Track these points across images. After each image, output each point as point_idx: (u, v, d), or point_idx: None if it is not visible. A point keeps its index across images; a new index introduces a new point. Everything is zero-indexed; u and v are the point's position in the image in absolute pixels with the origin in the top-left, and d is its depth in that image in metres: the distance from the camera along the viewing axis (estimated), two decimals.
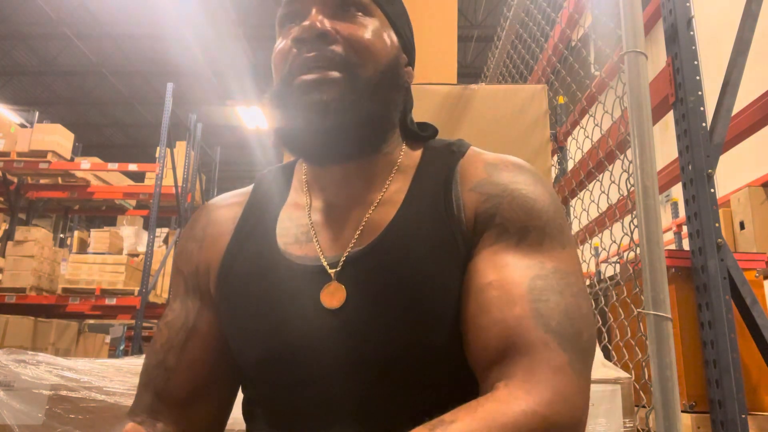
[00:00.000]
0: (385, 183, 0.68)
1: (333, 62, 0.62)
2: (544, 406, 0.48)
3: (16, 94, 11.11)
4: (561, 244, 0.60)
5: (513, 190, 0.62)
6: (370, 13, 0.67)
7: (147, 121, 11.89)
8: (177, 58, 9.51)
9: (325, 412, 0.58)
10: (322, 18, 0.64)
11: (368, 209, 0.66)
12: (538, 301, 0.54)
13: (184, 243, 0.74)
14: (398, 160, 0.70)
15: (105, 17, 8.76)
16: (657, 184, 1.14)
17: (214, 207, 0.75)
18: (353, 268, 0.61)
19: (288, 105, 0.63)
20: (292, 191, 0.73)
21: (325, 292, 0.60)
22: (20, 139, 5.69)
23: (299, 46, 0.64)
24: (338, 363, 0.58)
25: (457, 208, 0.63)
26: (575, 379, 0.51)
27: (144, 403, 0.68)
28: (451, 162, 0.68)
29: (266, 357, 0.61)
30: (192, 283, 0.71)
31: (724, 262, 1.31)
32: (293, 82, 0.63)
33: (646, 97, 1.18)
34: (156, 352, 0.69)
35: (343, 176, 0.68)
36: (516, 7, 2.78)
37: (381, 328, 0.58)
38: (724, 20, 4.12)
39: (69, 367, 1.57)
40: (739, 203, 3.24)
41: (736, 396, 1.22)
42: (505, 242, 0.59)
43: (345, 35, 0.64)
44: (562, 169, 2.86)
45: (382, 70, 0.65)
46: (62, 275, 5.53)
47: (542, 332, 0.52)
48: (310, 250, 0.65)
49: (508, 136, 1.35)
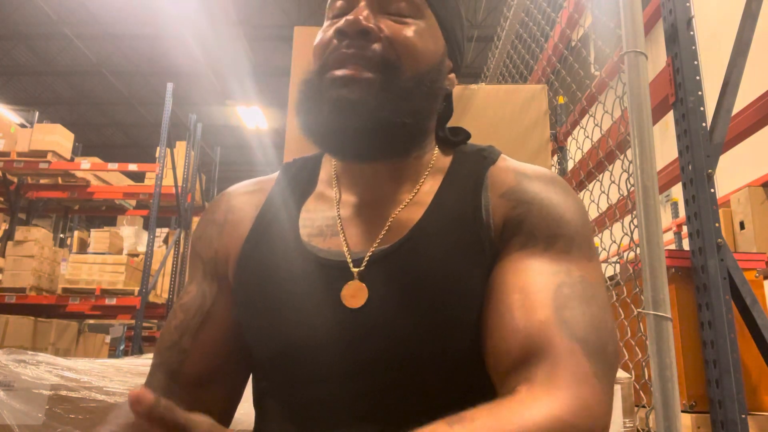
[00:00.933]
0: (416, 185, 0.67)
1: (370, 61, 0.61)
2: (566, 412, 0.47)
3: (16, 94, 11.11)
4: (588, 256, 0.60)
5: (543, 198, 0.62)
6: (420, 13, 0.65)
7: (147, 121, 11.89)
8: (177, 58, 9.51)
9: (338, 411, 0.58)
10: (368, 13, 0.62)
11: (397, 208, 0.65)
12: (564, 309, 0.53)
13: (204, 227, 0.73)
14: (430, 163, 0.69)
15: (105, 17, 8.76)
16: (657, 184, 1.14)
17: (236, 193, 0.75)
18: (377, 267, 0.61)
19: (316, 98, 0.62)
20: (320, 183, 0.72)
21: (347, 290, 0.60)
22: (20, 139, 5.68)
23: (340, 39, 0.63)
24: (355, 363, 0.58)
25: (486, 214, 0.62)
26: (599, 389, 0.50)
27: (157, 382, 0.68)
28: (481, 167, 0.67)
29: (282, 351, 0.61)
30: (210, 268, 0.70)
31: (724, 262, 1.31)
32: (326, 75, 0.62)
33: (646, 97, 1.18)
34: (170, 332, 0.68)
35: (373, 175, 0.67)
36: (516, 7, 2.78)
37: (401, 330, 0.57)
38: (724, 20, 4.13)
39: (69, 367, 1.57)
40: (739, 203, 3.23)
41: (736, 396, 1.22)
42: (532, 248, 0.59)
43: (388, 34, 0.62)
44: (562, 169, 2.86)
45: (420, 76, 0.63)
46: (62, 275, 5.53)
47: (567, 340, 0.51)
48: (335, 244, 0.64)
49: (508, 136, 1.35)
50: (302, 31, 1.38)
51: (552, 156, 2.37)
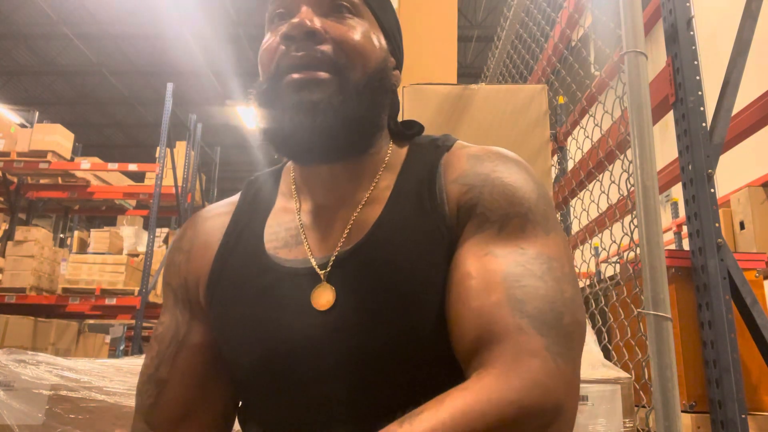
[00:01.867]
0: (373, 182, 0.68)
1: (322, 63, 0.62)
2: (515, 392, 0.46)
3: (16, 94, 11.11)
4: (545, 230, 0.59)
5: (494, 178, 0.62)
6: (360, 14, 0.67)
7: (147, 121, 11.89)
8: (177, 58, 9.51)
9: (320, 413, 0.58)
10: (312, 16, 0.63)
11: (356, 209, 0.66)
12: (514, 288, 0.53)
13: (172, 255, 0.74)
14: (385, 158, 0.70)
15: (105, 17, 8.76)
16: (657, 184, 1.14)
17: (201, 218, 0.75)
18: (341, 268, 0.61)
19: (276, 104, 0.63)
20: (280, 196, 0.73)
21: (315, 293, 0.60)
22: (20, 139, 5.68)
23: (287, 44, 0.63)
24: (330, 364, 0.58)
25: (441, 201, 0.63)
26: (552, 362, 0.49)
27: (141, 418, 0.68)
28: (435, 156, 0.68)
29: (259, 362, 0.61)
30: (181, 295, 0.71)
31: (724, 262, 1.31)
32: (281, 80, 0.63)
33: (646, 97, 1.18)
34: (147, 366, 0.69)
35: (331, 177, 0.68)
36: (516, 7, 2.78)
37: (370, 327, 0.58)
38: (724, 20, 4.13)
39: (69, 367, 1.57)
40: (739, 203, 3.23)
41: (736, 396, 1.22)
42: (487, 231, 0.59)
43: (334, 35, 0.63)
44: (562, 169, 2.86)
45: (370, 72, 0.65)
46: (62, 275, 5.53)
47: (517, 317, 0.51)
48: (300, 252, 0.65)
49: (508, 136, 1.35)
50: None
51: (552, 156, 2.37)
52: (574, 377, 0.51)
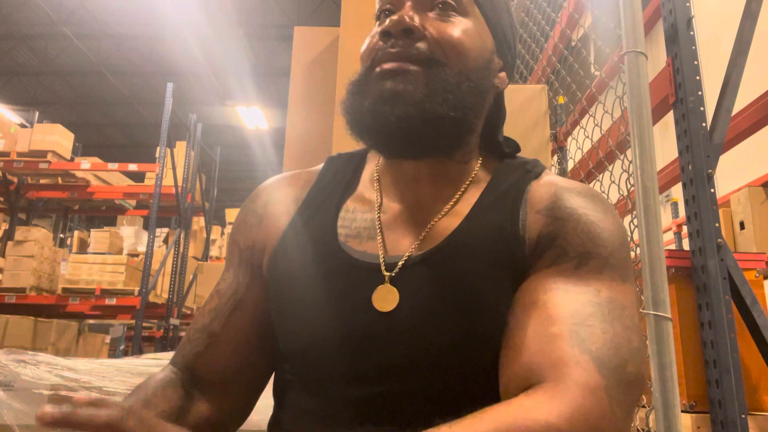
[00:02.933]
0: (457, 193, 0.67)
1: (415, 57, 0.61)
2: (561, 419, 0.44)
3: (16, 94, 11.11)
4: (622, 277, 0.58)
5: (581, 215, 0.60)
6: (467, 12, 0.65)
7: (147, 121, 11.89)
8: (177, 58, 9.51)
9: (358, 411, 0.58)
10: (413, 14, 0.63)
11: (436, 215, 0.65)
12: (580, 325, 0.51)
13: (243, 216, 0.74)
14: (474, 171, 0.69)
15: (105, 17, 8.76)
16: (657, 184, 1.14)
17: (277, 185, 0.75)
18: (410, 272, 0.61)
19: (361, 92, 0.63)
20: (362, 184, 0.72)
21: (378, 293, 0.60)
22: (20, 139, 5.68)
23: (385, 39, 0.63)
24: (381, 365, 0.58)
25: (522, 229, 0.61)
26: (607, 405, 0.46)
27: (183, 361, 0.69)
28: (523, 182, 0.66)
29: (308, 346, 0.61)
30: (246, 257, 0.71)
31: (724, 262, 1.31)
32: (373, 71, 0.63)
33: (646, 97, 1.18)
34: (203, 315, 0.70)
35: (414, 176, 0.67)
36: (516, 7, 2.78)
37: (429, 337, 0.57)
38: (724, 20, 4.12)
39: (69, 367, 1.57)
40: (739, 203, 3.23)
41: (736, 396, 1.22)
42: (563, 265, 0.58)
43: (433, 32, 0.63)
44: (562, 169, 2.85)
45: (467, 72, 0.63)
46: (62, 275, 5.53)
47: (577, 351, 0.49)
48: (371, 247, 0.64)
49: (508, 136, 1.35)
50: (302, 31, 1.38)
51: (552, 156, 2.37)
52: (624, 427, 0.49)
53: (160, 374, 0.67)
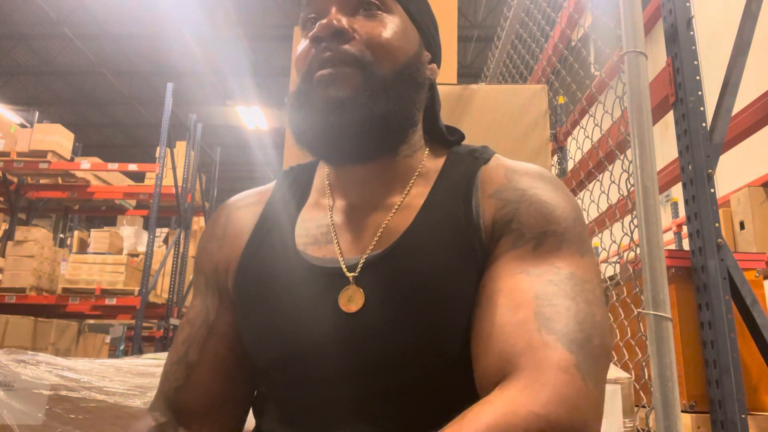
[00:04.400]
0: (406, 187, 0.68)
1: (347, 60, 0.62)
2: (540, 406, 0.45)
3: (16, 94, 11.11)
4: (580, 252, 0.59)
5: (531, 195, 0.61)
6: (390, 10, 0.67)
7: (147, 121, 11.90)
8: (177, 58, 9.51)
9: (336, 413, 0.58)
10: (340, 17, 0.64)
11: (389, 213, 0.66)
12: (544, 306, 0.52)
13: (205, 242, 0.74)
14: (420, 164, 0.69)
15: (105, 17, 8.76)
16: (657, 184, 1.14)
17: (234, 206, 0.76)
18: (371, 272, 0.61)
19: (305, 102, 0.63)
20: (314, 192, 0.73)
21: (344, 295, 0.60)
22: (20, 139, 5.68)
23: (316, 45, 0.64)
24: (354, 365, 0.58)
25: (476, 215, 0.62)
26: (581, 380, 0.47)
27: (163, 401, 0.68)
28: (473, 168, 0.67)
29: (281, 355, 0.61)
30: (212, 281, 0.71)
31: (724, 262, 1.31)
32: (311, 79, 0.63)
33: (646, 97, 1.18)
34: (177, 348, 0.69)
35: (363, 178, 0.68)
36: (516, 7, 2.78)
37: (398, 333, 0.58)
38: (724, 20, 4.12)
39: (69, 367, 1.57)
40: (739, 203, 3.23)
41: (736, 396, 1.22)
42: (521, 248, 0.58)
43: (362, 33, 0.64)
44: (562, 169, 2.85)
45: (399, 68, 0.65)
46: (62, 275, 5.53)
47: (544, 333, 0.50)
48: (329, 251, 0.65)
49: (508, 136, 1.35)
50: None
51: (552, 156, 2.37)
52: (600, 401, 0.50)
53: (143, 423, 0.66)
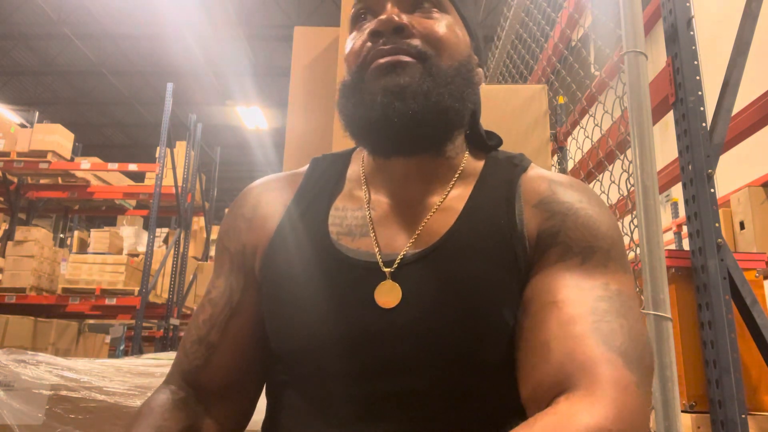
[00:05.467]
0: (446, 188, 0.67)
1: (409, 52, 0.62)
2: (609, 422, 0.45)
3: (16, 94, 11.11)
4: (623, 269, 0.60)
5: (578, 209, 0.62)
6: (445, 9, 0.67)
7: (147, 121, 11.90)
8: (177, 58, 9.51)
9: (361, 408, 0.58)
10: (399, 12, 0.64)
11: (428, 212, 0.65)
12: (601, 322, 0.53)
13: (232, 220, 0.73)
14: (461, 166, 0.69)
15: (105, 17, 8.76)
16: (657, 184, 1.14)
17: (264, 187, 0.75)
18: (409, 269, 0.61)
19: (360, 90, 0.63)
20: (348, 182, 0.72)
21: (380, 290, 0.60)
22: (20, 139, 5.68)
23: (375, 39, 0.63)
24: (386, 361, 0.58)
25: (519, 223, 0.62)
26: (640, 398, 0.48)
27: (180, 377, 0.68)
28: (513, 175, 0.67)
29: (307, 345, 0.61)
30: (238, 262, 0.70)
31: (724, 262, 1.30)
32: (367, 69, 0.63)
33: (646, 97, 1.18)
34: (198, 327, 0.68)
35: (404, 175, 0.67)
36: (516, 7, 2.78)
37: (434, 332, 0.57)
38: (724, 20, 4.12)
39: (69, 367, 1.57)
40: (739, 203, 3.23)
41: (736, 396, 1.22)
42: (569, 261, 0.59)
43: (421, 29, 0.64)
44: (562, 169, 2.85)
45: (457, 65, 0.65)
46: (62, 275, 5.53)
47: (606, 350, 0.50)
48: (364, 244, 0.64)
49: (508, 136, 1.35)
50: (302, 31, 1.38)
51: (552, 156, 2.37)
52: (649, 417, 0.51)
53: (162, 396, 0.66)
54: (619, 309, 0.55)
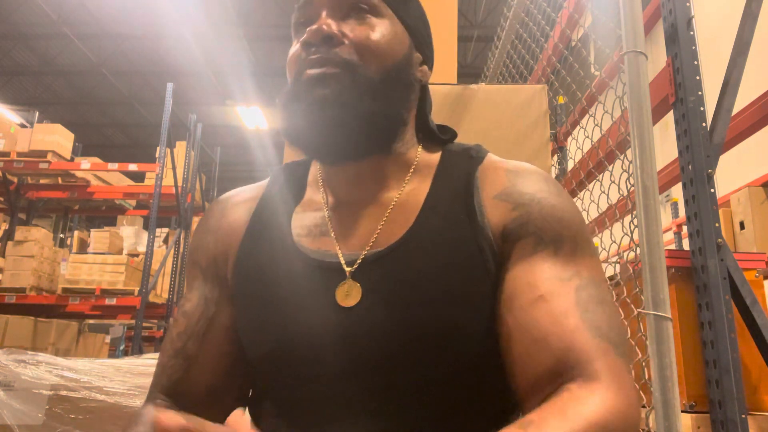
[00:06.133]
0: (401, 183, 0.68)
1: (335, 62, 0.63)
2: (619, 405, 0.49)
3: (16, 94, 11.11)
4: (590, 254, 0.62)
5: (541, 198, 0.63)
6: (381, 14, 0.68)
7: (147, 121, 11.90)
8: (177, 58, 9.51)
9: (331, 408, 0.58)
10: (330, 21, 0.65)
11: (386, 209, 0.66)
12: (587, 312, 0.55)
13: (200, 236, 0.74)
14: (414, 161, 0.70)
15: (105, 17, 8.76)
16: (657, 184, 1.14)
17: (228, 201, 0.76)
18: (370, 268, 0.61)
19: (293, 100, 0.64)
20: (308, 188, 0.74)
21: (341, 289, 0.61)
22: (20, 139, 5.68)
23: (306, 49, 0.65)
24: (349, 360, 0.58)
25: (480, 215, 0.63)
26: (631, 378, 0.53)
27: (161, 393, 0.67)
28: (470, 167, 0.68)
29: (276, 349, 0.61)
30: (211, 273, 0.71)
31: (724, 262, 1.30)
32: (300, 79, 0.64)
33: (646, 97, 1.18)
34: (173, 341, 0.68)
35: (357, 175, 0.68)
36: (516, 7, 2.78)
37: (394, 330, 0.58)
38: (724, 20, 4.13)
39: (69, 367, 1.57)
40: (739, 203, 3.24)
41: (736, 396, 1.22)
42: (543, 252, 0.60)
43: (351, 37, 0.65)
44: (562, 169, 2.85)
45: (387, 70, 0.66)
46: (62, 275, 5.53)
47: (599, 341, 0.53)
48: (324, 244, 0.65)
49: (508, 136, 1.35)
50: None
51: (552, 156, 2.37)
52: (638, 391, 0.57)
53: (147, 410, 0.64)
54: (596, 296, 0.57)
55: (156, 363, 0.70)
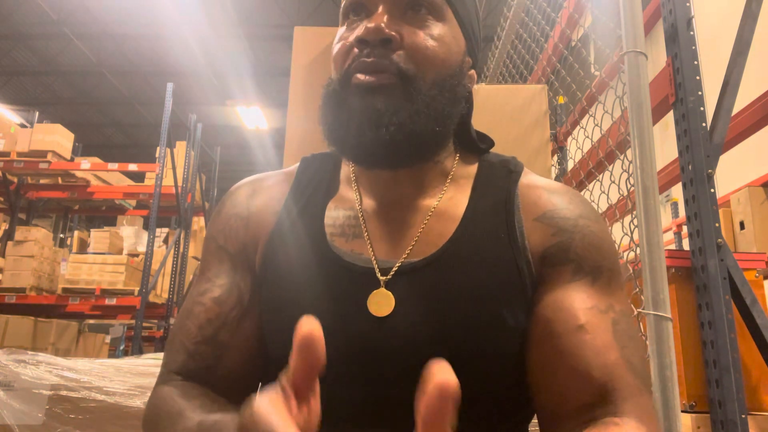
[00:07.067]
0: (439, 192, 0.67)
1: (391, 70, 0.61)
2: None
3: (16, 94, 11.11)
4: (620, 286, 0.62)
5: (583, 226, 0.63)
6: (441, 14, 0.65)
7: (147, 121, 11.90)
8: (177, 58, 9.51)
9: (353, 415, 0.57)
10: (388, 20, 0.62)
11: (423, 217, 0.65)
12: (624, 348, 0.56)
13: (226, 220, 0.71)
14: (452, 169, 0.69)
15: (105, 17, 8.76)
16: (657, 184, 1.14)
17: (256, 185, 0.74)
18: (406, 278, 0.60)
19: (341, 104, 0.62)
20: (341, 184, 0.71)
21: (373, 298, 0.59)
22: (20, 139, 5.68)
23: (361, 48, 0.62)
24: (376, 371, 0.57)
25: (520, 236, 0.62)
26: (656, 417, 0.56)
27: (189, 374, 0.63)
28: (509, 182, 0.67)
29: None
30: (241, 261, 0.68)
31: (724, 262, 1.30)
32: (350, 80, 0.62)
33: (646, 97, 1.18)
34: (202, 327, 0.64)
35: (393, 178, 0.67)
36: (516, 7, 2.78)
37: (426, 343, 0.57)
38: (724, 20, 4.13)
39: (69, 367, 1.57)
40: (739, 203, 3.23)
41: (736, 396, 1.22)
42: (582, 280, 0.60)
43: (408, 42, 0.62)
44: (562, 169, 2.85)
45: (441, 82, 0.63)
46: (62, 275, 5.53)
47: (633, 378, 0.55)
48: (357, 245, 0.64)
49: (508, 136, 1.35)
50: (302, 31, 1.38)
51: (552, 156, 2.37)
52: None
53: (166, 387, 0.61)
54: (628, 330, 0.58)
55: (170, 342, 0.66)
